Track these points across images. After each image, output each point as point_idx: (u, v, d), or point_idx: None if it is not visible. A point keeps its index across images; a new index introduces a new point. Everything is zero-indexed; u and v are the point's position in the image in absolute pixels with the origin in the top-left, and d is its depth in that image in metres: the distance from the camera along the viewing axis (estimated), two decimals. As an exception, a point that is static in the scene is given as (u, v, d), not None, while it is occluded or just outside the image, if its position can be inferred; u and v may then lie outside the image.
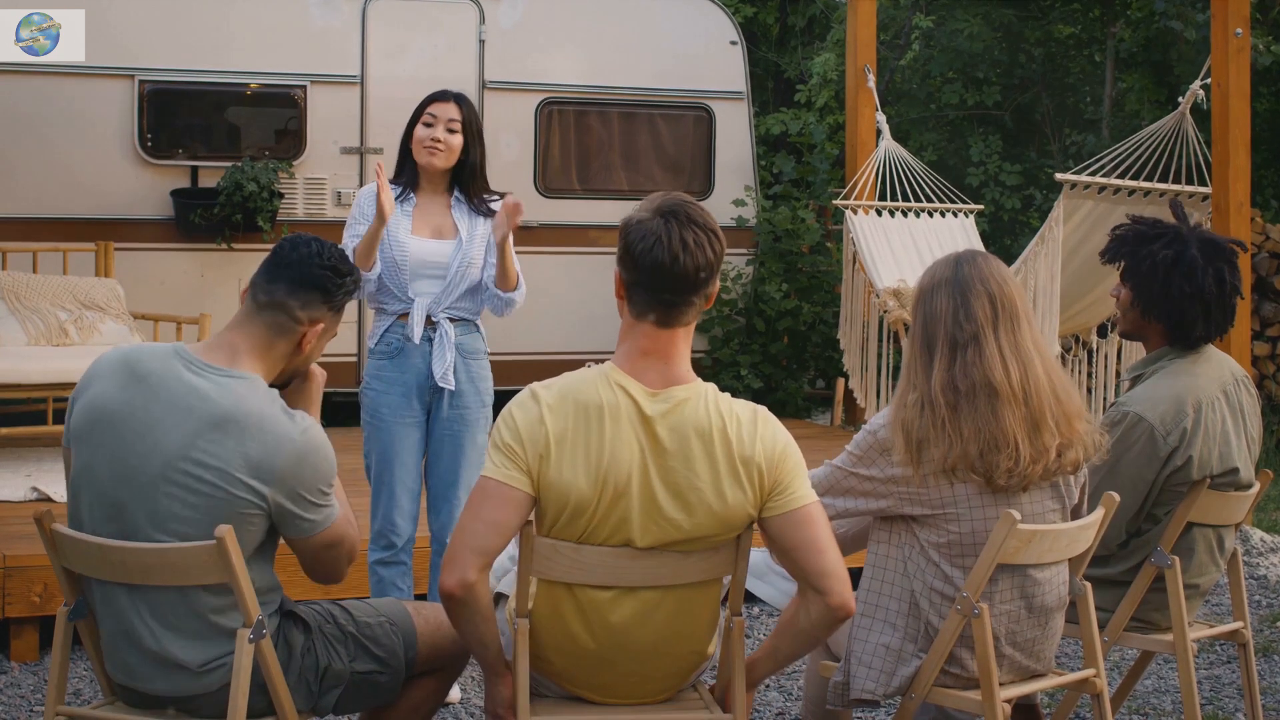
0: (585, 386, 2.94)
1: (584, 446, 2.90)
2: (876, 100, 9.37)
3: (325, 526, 3.10)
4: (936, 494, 3.28)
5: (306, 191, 9.00)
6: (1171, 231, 4.01)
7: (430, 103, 4.77)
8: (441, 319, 4.72)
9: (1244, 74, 7.06)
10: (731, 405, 2.98)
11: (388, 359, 4.74)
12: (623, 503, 2.91)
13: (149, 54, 8.79)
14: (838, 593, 2.97)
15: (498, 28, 9.46)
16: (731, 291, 9.91)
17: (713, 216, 3.01)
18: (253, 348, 3.12)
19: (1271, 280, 9.96)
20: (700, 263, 2.94)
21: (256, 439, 2.98)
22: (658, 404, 2.92)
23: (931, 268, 3.42)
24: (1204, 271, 3.93)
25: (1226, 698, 5.05)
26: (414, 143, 4.75)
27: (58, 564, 3.11)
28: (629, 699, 3.11)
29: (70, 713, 3.15)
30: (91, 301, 7.71)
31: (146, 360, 3.07)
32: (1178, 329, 3.98)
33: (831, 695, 3.41)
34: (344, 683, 3.19)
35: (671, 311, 2.97)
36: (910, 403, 3.30)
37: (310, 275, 3.14)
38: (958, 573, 3.29)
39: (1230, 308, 4.00)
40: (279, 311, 3.13)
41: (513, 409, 2.97)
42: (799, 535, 2.97)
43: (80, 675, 4.86)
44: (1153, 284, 3.96)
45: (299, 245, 3.17)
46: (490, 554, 2.92)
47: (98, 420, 3.03)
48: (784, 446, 2.99)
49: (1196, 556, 4.01)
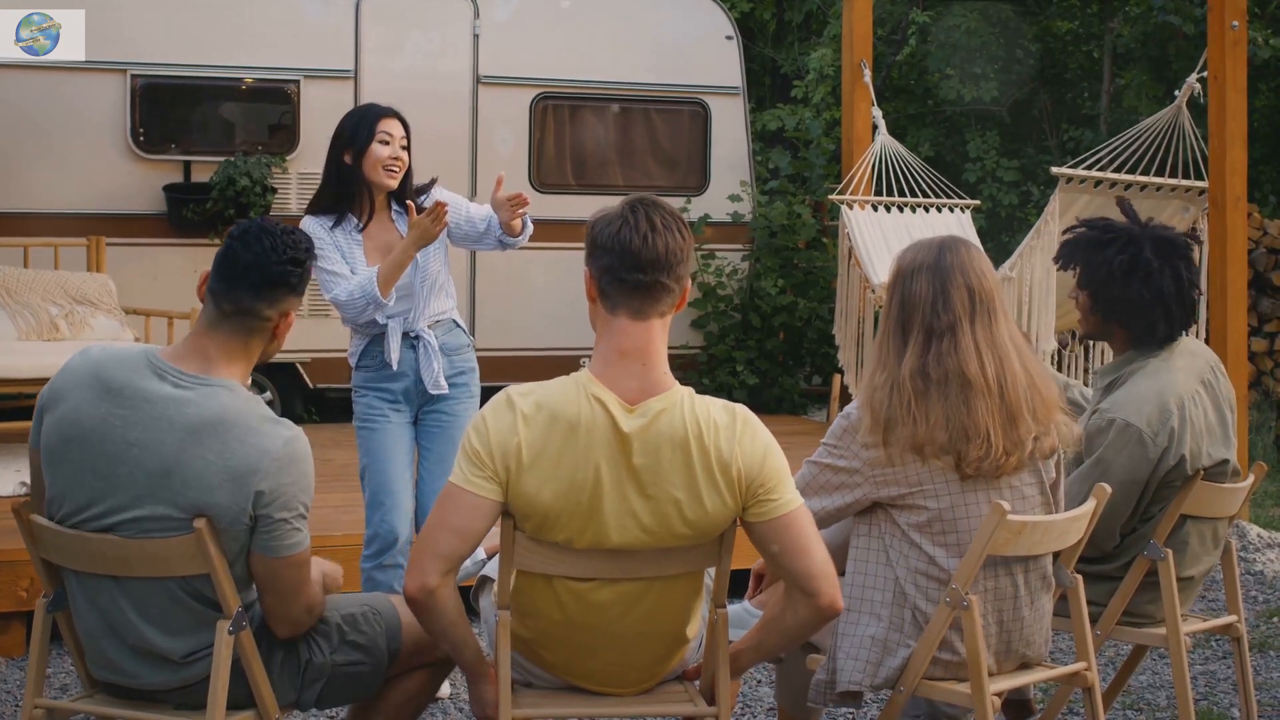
0: (562, 399, 2.89)
1: (556, 462, 2.86)
2: (873, 95, 9.34)
3: (295, 551, 2.99)
4: (907, 472, 3.25)
5: (299, 186, 8.96)
6: (1124, 234, 3.98)
7: (377, 119, 4.62)
8: (421, 329, 4.69)
9: (1241, 67, 7.04)
10: (709, 411, 2.93)
11: (374, 371, 4.71)
12: (596, 517, 2.88)
13: (142, 48, 8.77)
14: (826, 593, 2.94)
15: (492, 22, 9.43)
16: (727, 287, 9.88)
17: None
18: (226, 354, 3.03)
19: (1269, 276, 9.93)
20: (670, 243, 2.92)
21: (239, 446, 2.92)
22: (634, 420, 2.87)
23: (914, 248, 3.39)
24: (1160, 273, 3.91)
25: (1221, 693, 5.02)
26: (369, 162, 4.59)
27: (36, 556, 3.08)
28: (613, 687, 3.08)
29: (49, 705, 3.12)
30: (83, 296, 7.69)
31: (117, 372, 2.98)
32: (1140, 331, 3.97)
33: (814, 693, 3.37)
34: (326, 675, 3.16)
35: (646, 297, 2.92)
36: (879, 383, 3.30)
37: (271, 275, 3.02)
38: (939, 551, 3.27)
39: (1190, 303, 3.99)
40: (247, 317, 3.03)
41: (486, 415, 2.91)
42: (784, 540, 2.94)
43: (68, 671, 4.83)
44: (1111, 290, 3.95)
45: (251, 244, 3.03)
46: (454, 560, 2.89)
47: (72, 439, 2.96)
48: (764, 452, 2.94)
49: (1190, 548, 3.98)
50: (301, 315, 9.01)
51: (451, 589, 2.91)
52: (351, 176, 4.62)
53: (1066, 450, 3.44)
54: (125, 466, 2.93)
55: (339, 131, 4.67)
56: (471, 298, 9.38)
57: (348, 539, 5.35)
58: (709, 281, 9.81)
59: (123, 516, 2.93)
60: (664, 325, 2.97)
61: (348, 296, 4.55)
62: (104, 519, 2.95)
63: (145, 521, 2.93)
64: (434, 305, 4.73)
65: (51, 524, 3.01)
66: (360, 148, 4.60)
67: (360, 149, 4.61)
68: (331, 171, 4.66)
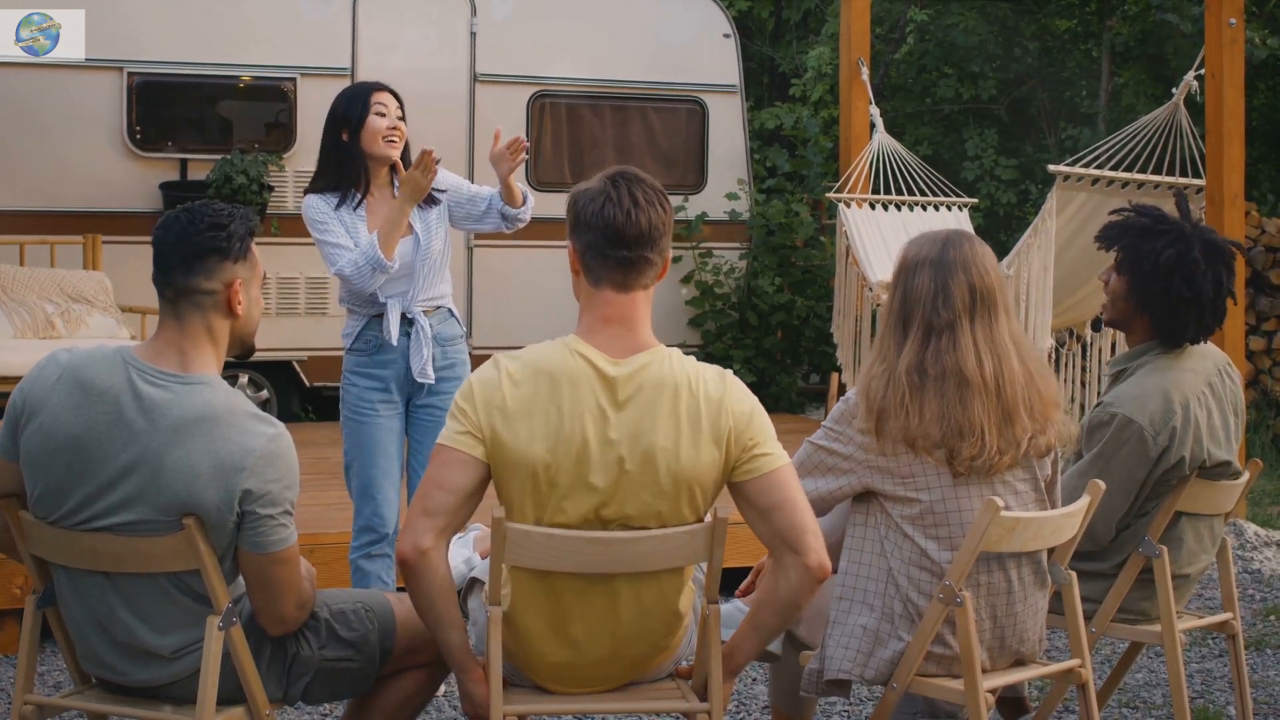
0: (548, 354, 2.94)
1: (543, 412, 2.88)
2: (870, 94, 9.33)
3: (282, 547, 2.98)
4: (899, 463, 3.25)
5: (296, 184, 8.95)
6: (1175, 229, 3.91)
7: (370, 93, 4.65)
8: (417, 314, 4.69)
9: (1238, 64, 7.03)
10: (698, 365, 2.97)
11: (365, 355, 4.70)
12: (582, 467, 2.87)
13: (138, 46, 8.76)
14: (815, 549, 2.93)
15: (489, 20, 9.42)
16: (725, 285, 9.87)
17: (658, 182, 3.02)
18: (195, 343, 3.02)
19: (1267, 274, 9.92)
20: (652, 218, 2.94)
21: (223, 444, 2.91)
22: (620, 369, 2.91)
23: (918, 241, 3.39)
24: (1204, 276, 3.86)
25: (1218, 691, 5.01)
26: (367, 135, 4.61)
27: (26, 551, 3.07)
28: (590, 687, 3.07)
29: (39, 701, 3.11)
30: (79, 294, 7.68)
31: (96, 375, 2.96)
32: (1169, 329, 3.92)
33: (806, 681, 3.37)
34: (313, 670, 3.14)
35: (630, 271, 2.95)
36: (876, 373, 3.31)
37: (195, 246, 3.02)
38: (931, 544, 3.26)
39: (1222, 311, 3.94)
40: (192, 295, 3.02)
41: (473, 377, 2.97)
42: (774, 496, 2.94)
43: (61, 669, 4.82)
44: (1152, 283, 3.89)
45: (170, 226, 3.06)
46: (444, 516, 2.89)
47: (56, 449, 2.94)
48: (751, 406, 2.98)
49: (1185, 545, 3.96)
50: (298, 313, 9.07)
51: (443, 555, 2.92)
52: (350, 153, 4.63)
53: (1064, 449, 3.43)
54: (111, 471, 2.92)
55: (333, 111, 4.69)
56: (468, 295, 9.38)
57: (342, 537, 5.33)
58: (706, 280, 9.80)
59: (111, 521, 2.92)
60: (647, 296, 3.01)
61: (353, 268, 4.55)
62: (92, 523, 2.94)
63: (136, 525, 2.92)
64: (433, 287, 4.73)
65: (41, 521, 3.00)
66: (357, 123, 4.62)
67: (357, 124, 4.62)
68: (330, 151, 4.68)
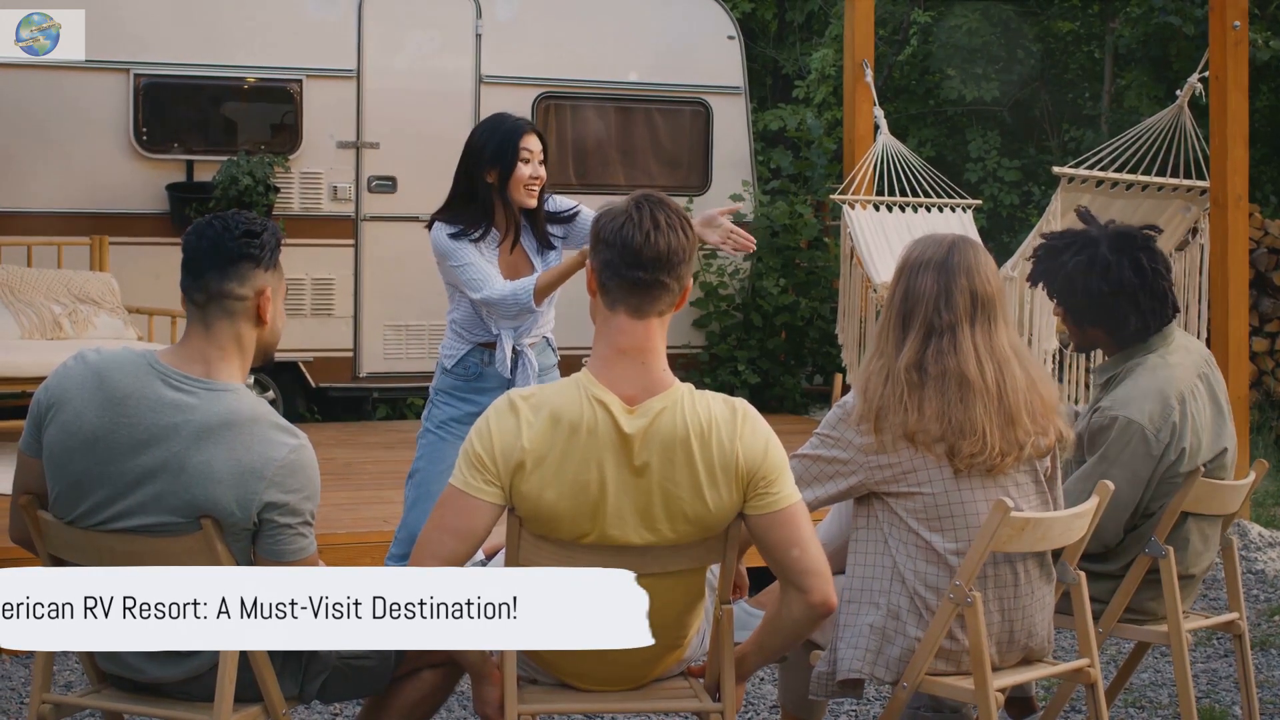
0: (563, 401, 2.90)
1: (560, 464, 2.87)
2: (874, 95, 9.35)
3: (300, 557, 2.99)
4: (900, 458, 3.27)
5: (302, 186, 8.98)
6: (1080, 238, 3.99)
7: (520, 137, 4.51)
8: (524, 347, 4.67)
9: (1242, 66, 7.04)
10: (710, 407, 2.95)
11: (463, 380, 4.67)
12: (600, 517, 2.90)
13: (144, 48, 8.77)
14: (819, 590, 2.96)
15: (494, 21, 9.44)
16: (729, 287, 9.88)
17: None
18: (221, 349, 3.03)
19: (1270, 276, 9.94)
20: (672, 242, 2.93)
21: (245, 453, 2.92)
22: (636, 420, 2.89)
23: (924, 242, 3.41)
24: (1118, 265, 3.90)
25: (1224, 690, 5.03)
26: (513, 183, 4.51)
27: (43, 551, 3.09)
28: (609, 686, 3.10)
29: (57, 700, 3.13)
30: (86, 295, 7.70)
31: (121, 378, 2.98)
32: (1117, 328, 3.96)
33: (815, 685, 3.38)
34: (329, 669, 3.16)
35: (645, 295, 2.94)
36: (875, 370, 3.34)
37: (230, 252, 3.02)
38: (936, 537, 3.28)
39: (1160, 291, 3.95)
40: (223, 299, 3.03)
41: (489, 418, 2.92)
42: (781, 534, 2.96)
43: (72, 669, 4.84)
44: (1074, 295, 3.95)
45: (204, 232, 3.05)
46: (455, 563, 2.90)
47: (77, 448, 2.97)
48: (764, 445, 2.96)
49: (1191, 545, 3.99)
50: (304, 314, 9.08)
51: None
52: (493, 196, 4.54)
53: (1063, 451, 3.46)
54: (132, 474, 2.94)
55: (478, 148, 4.56)
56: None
57: (351, 537, 5.37)
58: (711, 281, 9.82)
59: (130, 523, 2.95)
60: (662, 324, 2.98)
61: (501, 297, 4.46)
62: (110, 524, 2.96)
63: (154, 527, 2.94)
64: (545, 319, 4.72)
65: (59, 521, 3.03)
66: (508, 170, 4.52)
67: (508, 171, 4.52)
68: (466, 187, 4.57)
